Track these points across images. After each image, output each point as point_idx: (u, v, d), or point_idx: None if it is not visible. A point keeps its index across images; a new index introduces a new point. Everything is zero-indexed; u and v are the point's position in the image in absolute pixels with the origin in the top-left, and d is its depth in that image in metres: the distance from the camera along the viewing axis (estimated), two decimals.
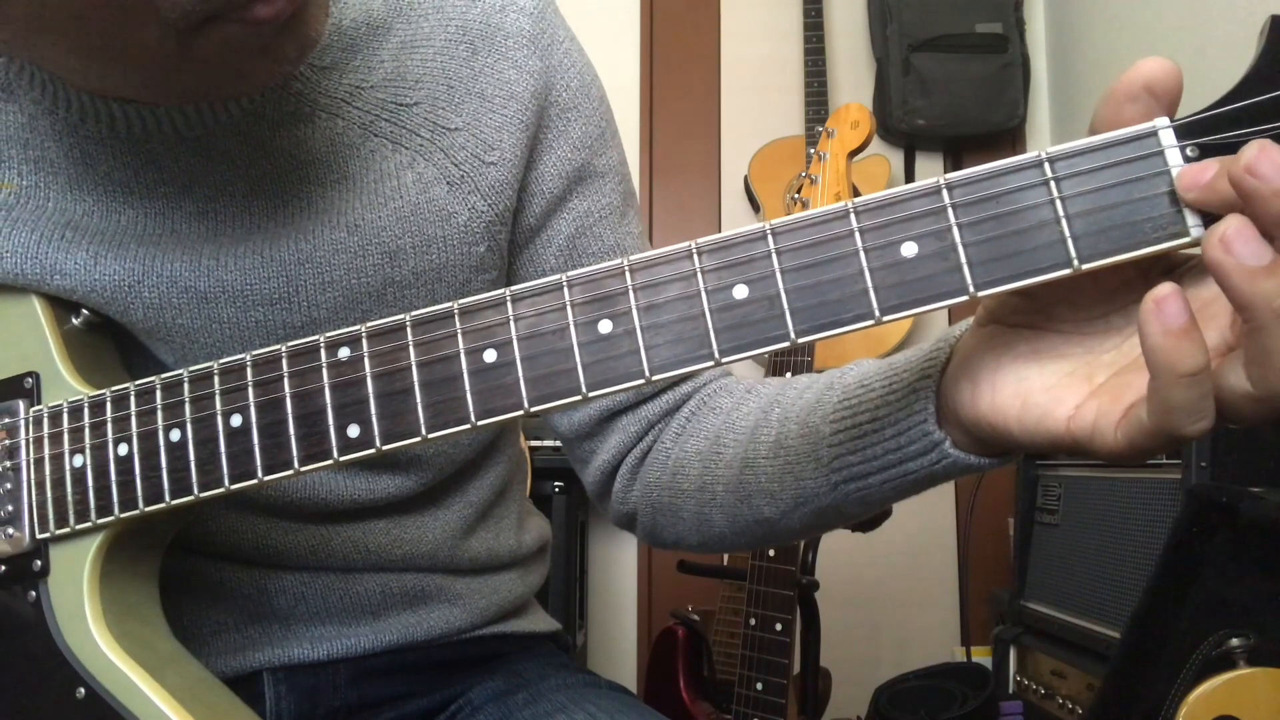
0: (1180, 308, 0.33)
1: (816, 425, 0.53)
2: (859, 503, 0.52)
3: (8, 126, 0.54)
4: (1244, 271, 0.32)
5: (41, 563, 0.51)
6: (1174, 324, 0.33)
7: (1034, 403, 0.40)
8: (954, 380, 0.44)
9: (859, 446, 0.50)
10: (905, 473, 0.48)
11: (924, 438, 0.46)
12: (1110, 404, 0.37)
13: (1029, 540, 1.61)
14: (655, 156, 2.39)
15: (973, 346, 0.43)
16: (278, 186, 0.57)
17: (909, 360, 0.48)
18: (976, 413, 0.42)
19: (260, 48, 0.46)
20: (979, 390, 0.42)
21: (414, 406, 0.42)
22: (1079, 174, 0.36)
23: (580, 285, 0.40)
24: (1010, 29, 2.20)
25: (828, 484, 0.52)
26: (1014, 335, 0.42)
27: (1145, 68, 0.36)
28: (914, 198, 0.37)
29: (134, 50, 0.43)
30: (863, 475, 0.50)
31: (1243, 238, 0.32)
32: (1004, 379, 0.41)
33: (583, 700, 0.66)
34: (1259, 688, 0.99)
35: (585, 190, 0.67)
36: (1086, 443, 0.38)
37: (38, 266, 0.54)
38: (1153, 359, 0.34)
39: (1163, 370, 0.34)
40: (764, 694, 1.28)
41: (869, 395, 0.50)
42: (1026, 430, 0.40)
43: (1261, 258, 0.32)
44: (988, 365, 0.42)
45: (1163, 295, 0.33)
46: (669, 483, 0.64)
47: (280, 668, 0.65)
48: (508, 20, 0.64)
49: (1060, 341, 0.41)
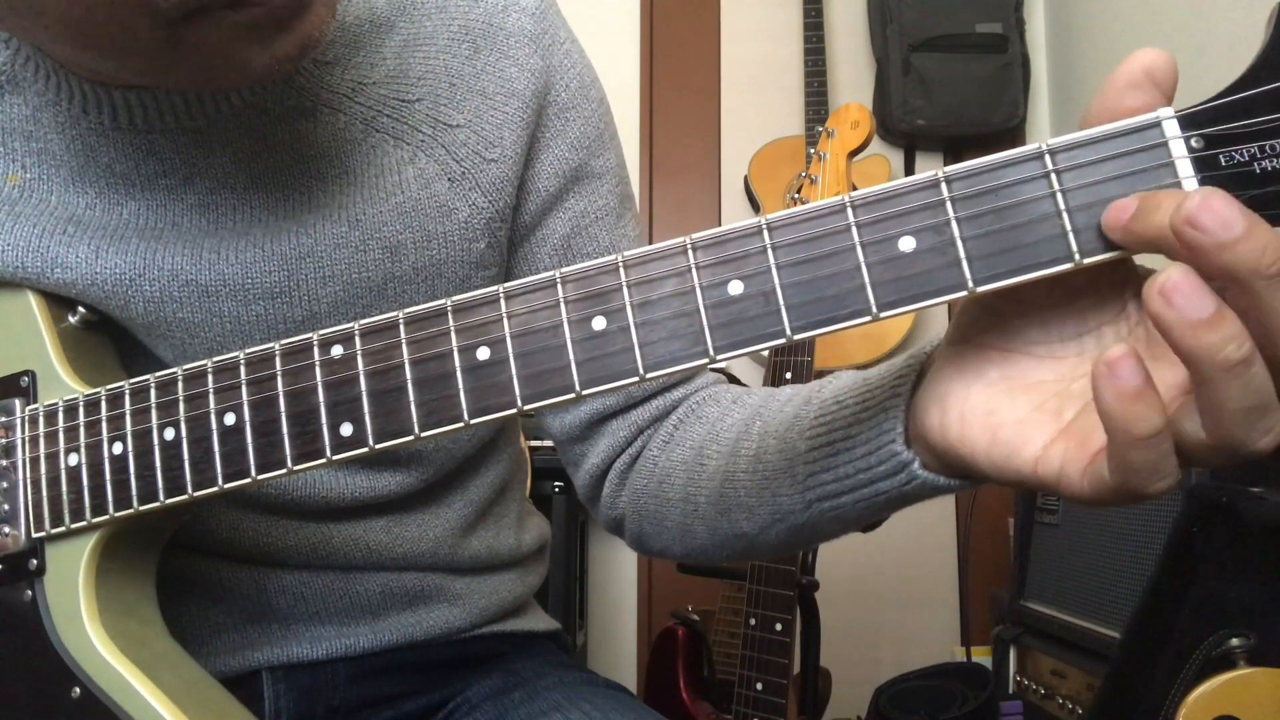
0: (1133, 368, 0.31)
1: (793, 441, 0.52)
2: (834, 521, 0.51)
3: (12, 119, 0.55)
4: (1186, 325, 0.31)
5: (37, 562, 0.51)
6: (1127, 386, 0.32)
7: (1002, 439, 0.38)
8: (923, 404, 0.43)
9: (831, 465, 0.49)
10: (876, 493, 0.46)
11: (892, 458, 0.45)
12: (1077, 450, 0.36)
13: (1029, 540, 1.61)
14: (655, 156, 2.39)
15: (943, 369, 0.42)
16: (279, 180, 0.57)
17: (882, 377, 0.47)
18: (945, 440, 0.41)
19: (258, 37, 0.45)
20: (948, 418, 0.41)
21: (407, 404, 0.42)
22: (1080, 166, 0.35)
23: (574, 282, 0.40)
24: (1010, 29, 2.19)
25: (802, 502, 0.51)
26: (984, 360, 0.41)
27: (1144, 56, 0.35)
28: (912, 191, 0.36)
29: (125, 37, 0.43)
30: (835, 494, 0.49)
31: (1182, 290, 0.31)
32: (973, 410, 0.40)
33: (578, 699, 0.66)
34: (1259, 688, 0.99)
35: (582, 190, 0.67)
36: (1054, 486, 0.37)
37: (38, 260, 0.54)
38: (1108, 423, 0.33)
39: (1118, 434, 0.33)
40: (764, 694, 1.28)
41: (843, 412, 0.49)
42: (994, 466, 0.39)
43: (1204, 310, 0.30)
44: (957, 393, 0.41)
45: (1114, 358, 0.32)
46: (655, 491, 0.64)
47: (279, 667, 0.65)
48: (510, 20, 0.64)
49: (1032, 367, 0.40)
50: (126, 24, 0.42)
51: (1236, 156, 0.34)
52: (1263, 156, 0.33)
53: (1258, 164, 0.33)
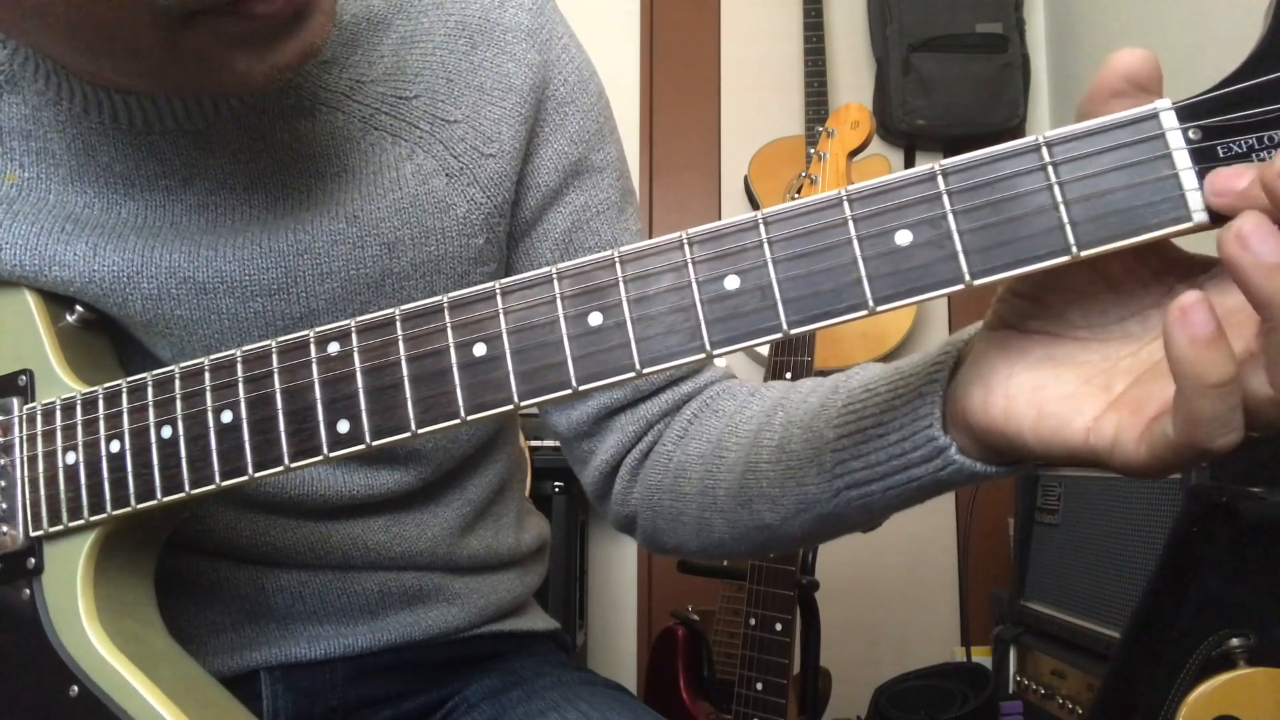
0: (1206, 316, 0.32)
1: (820, 429, 0.52)
2: (861, 510, 0.51)
3: (11, 118, 0.55)
4: (1262, 268, 0.31)
5: (35, 560, 0.51)
6: (1201, 333, 0.32)
7: (1050, 412, 0.38)
8: (965, 384, 0.42)
9: (862, 452, 0.49)
10: (910, 479, 0.46)
11: (929, 443, 0.44)
12: (1131, 417, 0.36)
13: (1029, 540, 1.61)
14: (655, 156, 2.39)
15: (985, 351, 0.42)
16: (278, 179, 0.57)
17: (915, 365, 0.47)
18: (989, 419, 0.41)
19: (257, 45, 0.45)
20: (992, 396, 0.40)
21: (403, 401, 0.42)
22: (1078, 158, 0.35)
23: (570, 278, 0.40)
24: (1010, 29, 2.20)
25: (830, 490, 0.51)
26: (1029, 341, 0.41)
27: (1120, 61, 0.35)
28: (908, 185, 0.36)
29: (125, 39, 0.43)
30: (865, 481, 0.49)
31: (1260, 234, 0.31)
32: (1018, 386, 0.40)
33: (576, 698, 0.66)
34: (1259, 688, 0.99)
35: (582, 185, 0.67)
36: (1106, 457, 0.37)
37: (36, 259, 0.54)
38: (1179, 369, 0.32)
39: (1190, 381, 0.32)
40: (764, 694, 1.28)
41: (874, 400, 0.49)
42: (1042, 441, 0.39)
43: (1278, 253, 0.31)
44: (1001, 370, 0.40)
45: (1189, 303, 0.32)
46: (670, 486, 0.63)
47: (278, 666, 0.65)
48: (507, 15, 0.64)
49: (1076, 348, 0.40)
50: (127, 24, 0.42)
51: (1235, 148, 0.34)
52: (1261, 147, 0.33)
53: (1256, 155, 0.33)
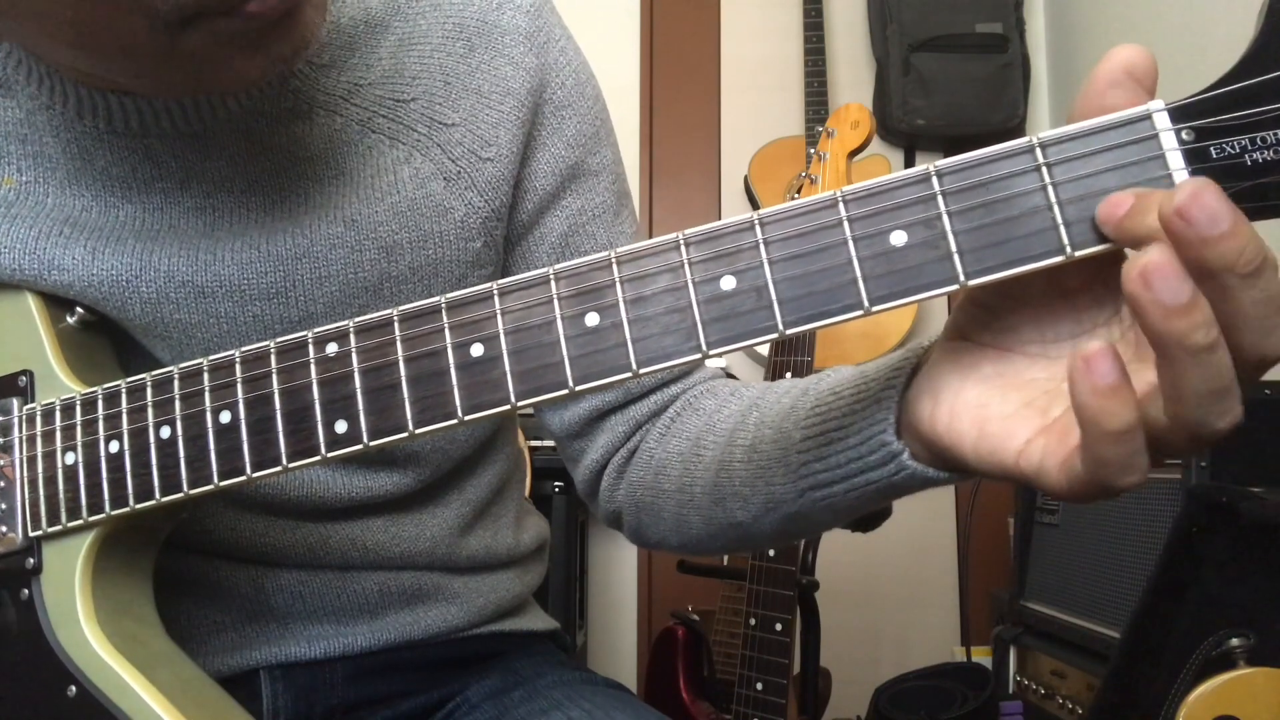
0: (1110, 366, 0.32)
1: (789, 431, 0.53)
2: (826, 509, 0.51)
3: (6, 122, 0.55)
4: (1161, 308, 0.31)
5: (34, 560, 0.51)
6: (1102, 383, 0.32)
7: (990, 432, 0.39)
8: (916, 394, 0.43)
9: (825, 454, 0.49)
10: (867, 482, 0.47)
11: (883, 448, 0.45)
12: (1056, 444, 0.37)
13: (1029, 540, 1.61)
14: (655, 156, 2.39)
15: (939, 363, 0.43)
16: (275, 182, 0.57)
17: (879, 369, 0.48)
18: (934, 431, 0.42)
19: (252, 43, 0.46)
20: (939, 409, 0.41)
21: (401, 402, 0.42)
22: (1071, 159, 0.35)
23: (567, 279, 0.40)
24: (1010, 29, 2.20)
25: (795, 490, 0.52)
26: (980, 357, 0.41)
27: (1123, 53, 0.35)
28: (903, 185, 0.36)
29: (123, 41, 0.43)
30: (828, 483, 0.49)
31: (1163, 274, 0.31)
32: (964, 402, 0.41)
33: (578, 697, 0.66)
34: (1259, 688, 0.99)
35: (579, 188, 0.67)
36: (1034, 480, 0.37)
37: (35, 262, 0.54)
38: (1082, 416, 0.33)
39: (1092, 428, 0.33)
40: (764, 694, 1.28)
41: (838, 403, 0.49)
42: (980, 459, 0.39)
43: (1180, 296, 0.31)
44: (951, 386, 0.41)
45: (1092, 353, 0.32)
46: (651, 482, 0.64)
47: (277, 666, 0.65)
48: (504, 17, 0.64)
49: (1025, 366, 0.40)
50: (125, 26, 0.42)
51: (1228, 149, 0.34)
52: (1254, 148, 0.33)
53: (1249, 156, 0.33)
